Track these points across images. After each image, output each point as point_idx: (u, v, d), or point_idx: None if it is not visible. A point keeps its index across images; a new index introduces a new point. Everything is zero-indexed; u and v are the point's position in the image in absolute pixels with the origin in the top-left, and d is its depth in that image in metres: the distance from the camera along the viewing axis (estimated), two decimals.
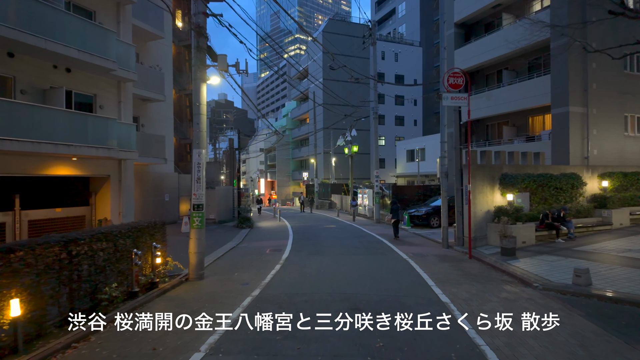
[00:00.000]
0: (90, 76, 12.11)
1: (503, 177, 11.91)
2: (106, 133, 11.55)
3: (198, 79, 8.07)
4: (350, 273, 8.42)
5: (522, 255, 9.94)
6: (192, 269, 8.09)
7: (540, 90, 16.21)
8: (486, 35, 18.76)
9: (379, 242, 13.23)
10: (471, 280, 7.85)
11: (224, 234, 15.82)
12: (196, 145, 8.04)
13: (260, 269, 9.01)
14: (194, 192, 8.05)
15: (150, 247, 7.43)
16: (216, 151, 33.64)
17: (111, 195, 12.97)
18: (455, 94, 10.31)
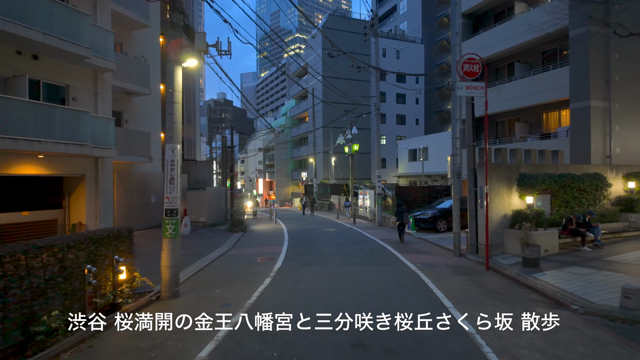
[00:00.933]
0: (61, 64, 10.86)
1: (521, 178, 10.68)
2: (78, 127, 10.29)
3: (172, 61, 6.84)
4: (351, 290, 7.18)
5: (547, 267, 8.70)
6: (164, 285, 6.85)
7: (556, 83, 14.98)
8: (496, 26, 17.53)
9: (383, 249, 11.98)
10: (495, 300, 6.61)
11: (214, 238, 14.57)
12: (169, 140, 6.81)
13: (247, 284, 7.76)
14: (167, 194, 6.82)
15: (111, 260, 6.19)
16: (212, 151, 32.39)
17: (86, 196, 11.72)
18: (471, 83, 9.07)
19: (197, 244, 13.20)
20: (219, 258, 10.84)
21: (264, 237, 15.35)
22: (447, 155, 30.35)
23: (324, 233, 16.14)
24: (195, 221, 18.36)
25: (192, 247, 12.30)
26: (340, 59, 33.22)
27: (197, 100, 23.07)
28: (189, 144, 21.38)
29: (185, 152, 21.29)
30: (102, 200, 12.06)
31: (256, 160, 65.51)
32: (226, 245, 12.92)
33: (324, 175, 42.46)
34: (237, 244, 13.66)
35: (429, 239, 13.68)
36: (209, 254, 11.33)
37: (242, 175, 72.56)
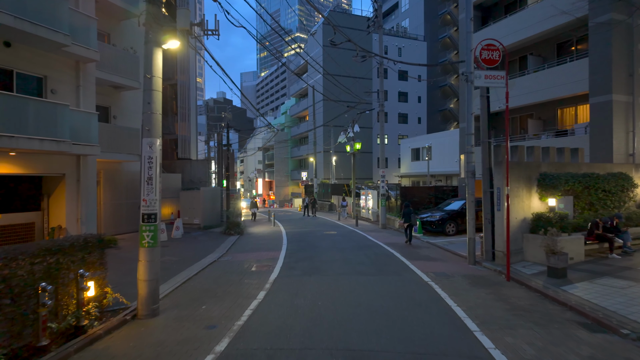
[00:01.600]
0: (38, 53, 9.92)
1: (542, 178, 9.72)
2: (55, 122, 9.35)
3: (150, 42, 5.88)
4: (357, 308, 6.22)
5: (576, 278, 7.75)
6: (141, 302, 5.89)
7: (572, 76, 14.02)
8: (507, 17, 16.57)
9: (389, 255, 11.03)
10: (526, 321, 5.65)
11: (207, 242, 13.62)
12: (147, 133, 5.85)
13: (237, 299, 6.81)
14: (144, 196, 5.86)
15: (76, 275, 5.24)
16: (210, 150, 31.43)
17: (67, 198, 10.77)
18: (491, 72, 8.11)
19: (189, 248, 12.25)
20: (210, 265, 9.89)
21: (261, 241, 14.39)
22: (451, 154, 29.51)
23: (325, 236, 15.19)
24: (189, 223, 17.40)
25: (182, 253, 11.35)
26: (341, 57, 32.28)
27: (193, 96, 22.11)
28: (184, 142, 20.42)
29: (180, 150, 20.34)
30: (85, 201, 11.11)
31: (256, 160, 64.61)
32: (220, 250, 11.96)
33: (324, 175, 41.50)
34: (232, 248, 12.71)
35: (437, 243, 12.73)
36: (200, 260, 10.38)
37: (242, 175, 71.66)
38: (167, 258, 10.41)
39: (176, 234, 14.33)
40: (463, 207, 14.89)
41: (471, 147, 9.84)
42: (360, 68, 36.42)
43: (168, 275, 8.45)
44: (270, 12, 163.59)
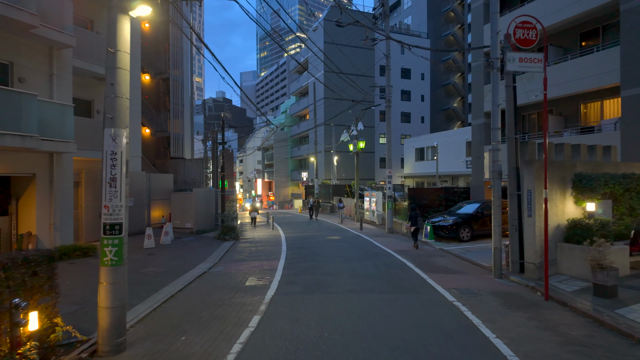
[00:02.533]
0: (2, 35, 8.69)
1: (578, 179, 8.50)
2: (19, 114, 8.12)
3: (115, 8, 4.67)
4: (374, 342, 4.99)
5: (629, 297, 6.54)
6: (102, 336, 4.66)
7: (599, 68, 12.81)
8: (525, 4, 15.35)
9: (402, 266, 9.79)
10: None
11: (199, 249, 12.38)
12: (110, 123, 4.63)
13: (225, 327, 5.57)
14: (105, 202, 4.63)
15: (9, 306, 4.01)
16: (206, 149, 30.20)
17: (37, 200, 9.55)
18: (526, 54, 6.89)
19: (177, 257, 11.01)
20: (198, 278, 8.65)
21: (258, 248, 13.16)
22: (456, 154, 28.28)
23: (327, 242, 13.95)
24: (181, 227, 16.17)
25: (169, 262, 10.12)
26: (341, 56, 31.06)
27: (188, 92, 20.88)
28: (177, 140, 19.20)
29: (173, 149, 19.11)
30: (59, 205, 9.89)
31: (255, 160, 63.35)
32: (211, 259, 10.73)
33: (325, 175, 40.28)
34: (226, 256, 11.48)
35: (453, 251, 11.51)
36: (189, 271, 9.15)
37: (241, 175, 70.39)
38: (150, 269, 9.18)
39: (165, 240, 13.08)
40: (478, 210, 13.68)
41: (497, 143, 8.61)
42: (362, 65, 35.23)
43: (147, 292, 7.23)
44: (271, 12, 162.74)
